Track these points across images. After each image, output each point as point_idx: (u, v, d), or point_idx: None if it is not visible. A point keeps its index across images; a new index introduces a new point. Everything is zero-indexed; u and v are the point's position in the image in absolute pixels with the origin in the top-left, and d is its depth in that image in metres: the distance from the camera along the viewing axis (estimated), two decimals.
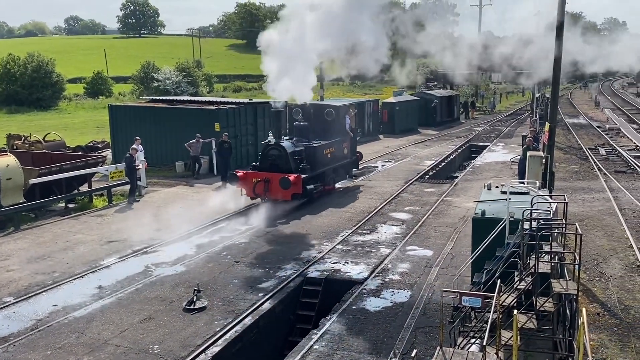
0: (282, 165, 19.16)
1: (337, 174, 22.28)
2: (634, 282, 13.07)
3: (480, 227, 10.69)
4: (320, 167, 20.25)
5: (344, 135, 22.25)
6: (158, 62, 68.41)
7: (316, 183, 20.07)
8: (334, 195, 21.71)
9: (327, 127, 21.22)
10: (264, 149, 19.65)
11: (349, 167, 23.22)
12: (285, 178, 18.37)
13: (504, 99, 74.53)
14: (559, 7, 15.68)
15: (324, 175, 20.83)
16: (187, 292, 12.19)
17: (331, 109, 21.52)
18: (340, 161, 22.05)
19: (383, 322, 10.92)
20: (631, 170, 26.42)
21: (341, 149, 21.98)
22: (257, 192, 18.85)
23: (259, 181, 18.75)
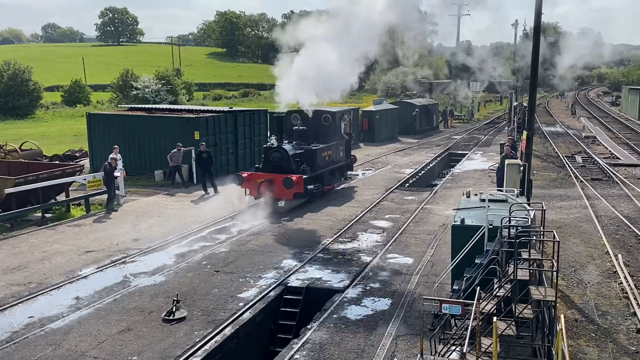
0: (284, 166, 20.38)
1: (334, 175, 23.59)
2: (611, 288, 13.26)
3: (459, 235, 10.77)
4: (319, 168, 21.55)
5: (340, 139, 23.62)
6: (137, 70, 67.89)
7: (316, 183, 21.32)
8: (330, 195, 22.89)
9: (324, 131, 22.45)
10: (267, 152, 20.92)
11: (345, 169, 24.71)
12: (288, 178, 19.63)
13: (482, 108, 75.30)
14: (535, 17, 15.93)
15: (323, 176, 22.13)
16: (167, 302, 12.07)
17: (328, 114, 22.60)
18: (337, 163, 23.48)
19: (364, 331, 10.91)
20: (607, 177, 26.86)
21: (337, 152, 23.37)
22: (261, 192, 20.02)
23: (263, 182, 19.97)
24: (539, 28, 15.95)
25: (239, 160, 28.05)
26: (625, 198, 22.30)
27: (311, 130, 22.08)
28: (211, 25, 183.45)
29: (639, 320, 11.35)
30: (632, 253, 15.74)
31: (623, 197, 22.45)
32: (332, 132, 22.74)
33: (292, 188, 19.75)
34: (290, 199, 20.19)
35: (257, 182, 20.14)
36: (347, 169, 24.92)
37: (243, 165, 28.20)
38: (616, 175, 26.93)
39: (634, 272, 14.17)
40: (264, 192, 20.01)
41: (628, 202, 21.65)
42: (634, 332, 11.03)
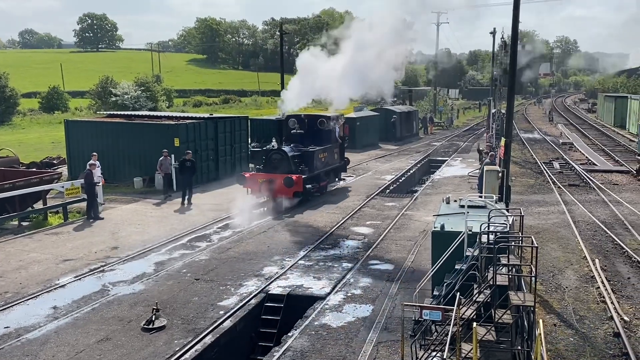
0: (284, 167, 21.79)
1: (329, 176, 25.26)
2: (589, 293, 13.44)
3: (439, 241, 10.82)
4: (316, 169, 23.04)
5: (335, 142, 25.14)
6: (116, 77, 67.37)
7: (313, 183, 22.79)
8: (327, 195, 24.36)
9: (320, 135, 24.04)
10: (268, 154, 22.37)
11: (339, 171, 26.59)
12: (289, 178, 21.04)
13: (461, 115, 76.05)
14: (512, 25, 16.16)
15: (319, 177, 23.67)
16: (146, 311, 11.94)
17: (323, 118, 24.30)
18: (332, 165, 25.14)
19: (345, 338, 10.91)
20: (584, 183, 27.26)
21: (332, 154, 25.00)
22: (262, 191, 21.44)
23: (264, 181, 21.32)
24: (516, 37, 16.17)
25: (220, 167, 27.94)
26: (602, 204, 22.64)
27: (308, 134, 23.62)
28: (191, 31, 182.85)
29: (616, 324, 11.51)
30: (608, 258, 15.97)
31: (599, 203, 22.79)
32: (327, 136, 24.29)
33: (292, 187, 21.11)
34: (289, 197, 21.44)
35: (258, 181, 21.47)
36: (341, 170, 26.68)
37: (224, 172, 28.11)
38: (593, 181, 27.35)
39: (610, 277, 14.39)
40: (265, 191, 21.40)
41: (604, 207, 21.99)
42: (612, 336, 11.18)
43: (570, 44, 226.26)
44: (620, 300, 12.87)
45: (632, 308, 12.53)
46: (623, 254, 16.25)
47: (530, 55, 63.72)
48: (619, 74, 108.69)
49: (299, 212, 21.07)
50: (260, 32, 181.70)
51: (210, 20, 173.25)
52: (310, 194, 22.76)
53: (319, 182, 23.61)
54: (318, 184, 23.54)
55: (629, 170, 30.28)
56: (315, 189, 23.31)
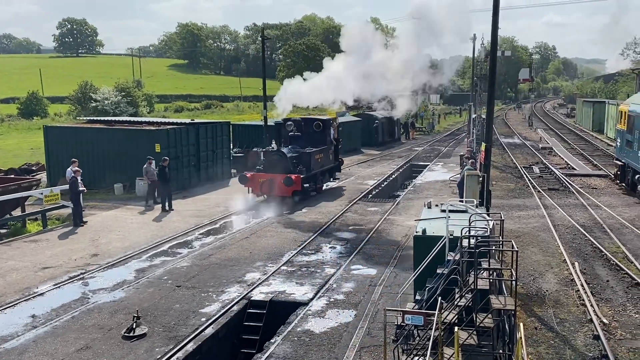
0: (282, 167, 22.88)
1: (325, 176, 26.42)
2: (568, 296, 13.58)
3: (421, 245, 10.87)
4: (313, 169, 24.18)
5: (329, 144, 26.28)
6: (96, 82, 66.76)
7: (310, 183, 23.93)
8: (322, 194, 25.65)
9: (315, 137, 25.28)
10: (267, 155, 23.42)
11: (334, 171, 27.83)
12: (288, 177, 22.27)
13: (442, 120, 76.58)
14: (492, 31, 16.33)
15: (316, 177, 24.88)
16: (127, 318, 11.81)
17: (319, 121, 25.69)
18: (327, 165, 26.33)
19: (328, 343, 10.89)
20: (563, 187, 27.59)
21: (328, 155, 26.21)
22: (262, 191, 22.63)
23: (265, 181, 22.47)
24: (495, 43, 16.35)
25: (202, 173, 27.79)
26: (581, 207, 22.93)
27: (304, 136, 24.90)
28: (172, 36, 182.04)
29: (595, 327, 11.64)
30: (587, 261, 16.17)
31: (579, 207, 23.08)
32: (322, 138, 25.57)
33: (291, 186, 22.30)
34: (289, 196, 22.64)
35: (259, 181, 22.56)
36: (335, 170, 27.99)
37: (205, 177, 27.97)
38: (572, 185, 27.70)
39: (590, 280, 14.56)
40: (265, 191, 22.62)
41: (583, 211, 22.27)
42: (591, 339, 11.30)
43: (549, 50, 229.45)
44: (599, 303, 13.02)
45: (611, 311, 12.69)
46: (602, 257, 16.46)
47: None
48: (596, 79, 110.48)
49: (284, 215, 21.04)
50: (242, 37, 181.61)
51: (192, 25, 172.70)
52: (308, 193, 24.11)
53: (315, 182, 24.91)
54: (315, 183, 24.88)
55: (607, 174, 30.71)
56: (312, 189, 24.59)
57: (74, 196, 19.84)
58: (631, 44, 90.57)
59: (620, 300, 13.26)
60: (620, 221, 20.39)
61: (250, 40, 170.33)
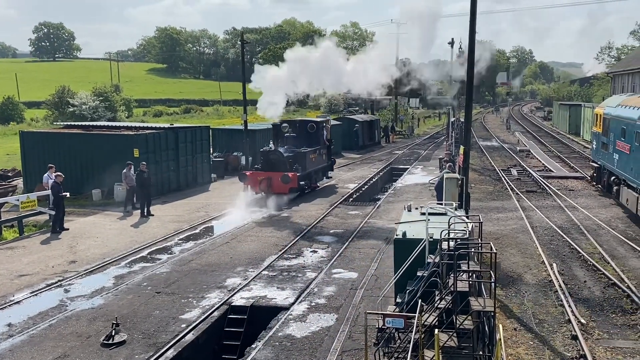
0: (280, 166, 24.22)
1: (318, 174, 28.10)
2: (547, 297, 13.74)
3: (401, 248, 10.91)
4: (308, 168, 25.71)
5: (323, 144, 27.95)
6: (74, 87, 66.00)
7: (305, 181, 25.55)
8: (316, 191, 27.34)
9: (310, 137, 26.87)
10: (265, 154, 24.80)
11: (327, 170, 29.57)
12: (286, 175, 23.50)
13: (422, 123, 77.10)
14: (469, 35, 16.49)
15: (311, 175, 26.45)
16: (105, 326, 11.66)
17: (313, 123, 27.60)
18: (321, 164, 28.00)
19: (309, 348, 10.87)
20: (541, 189, 27.94)
21: (321, 154, 27.81)
22: (261, 188, 23.79)
23: (263, 179, 23.72)
24: (473, 47, 16.51)
25: (181, 178, 27.61)
26: (558, 209, 23.23)
27: (299, 137, 26.37)
28: (151, 40, 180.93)
29: (573, 327, 11.79)
30: (565, 262, 16.38)
31: (556, 208, 23.38)
32: (316, 138, 27.21)
33: (289, 183, 23.52)
34: (286, 193, 23.94)
35: (258, 179, 23.82)
36: (328, 169, 29.70)
37: (185, 182, 27.80)
38: (549, 187, 28.06)
39: (567, 281, 14.75)
40: (263, 188, 23.75)
41: (561, 212, 22.57)
42: (569, 339, 11.45)
43: (526, 54, 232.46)
44: (577, 304, 13.19)
45: (588, 311, 12.86)
46: (579, 258, 16.69)
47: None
48: (572, 83, 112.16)
49: (269, 214, 20.99)
50: (221, 41, 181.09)
51: (171, 29, 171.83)
52: (304, 190, 25.71)
53: (310, 180, 26.55)
54: (310, 181, 26.52)
55: (584, 176, 31.17)
56: (307, 186, 26.23)
57: (56, 202, 19.60)
58: (605, 48, 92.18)
59: (598, 301, 13.45)
60: (596, 222, 20.70)
61: (230, 44, 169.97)
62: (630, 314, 12.62)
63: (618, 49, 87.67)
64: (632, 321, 12.26)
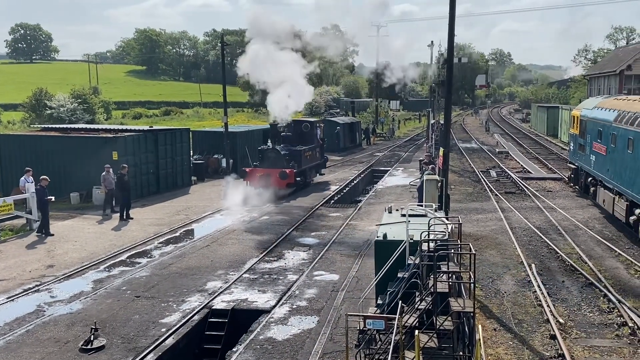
0: (277, 163, 26.02)
1: (312, 171, 29.97)
2: (526, 297, 13.89)
3: (382, 250, 10.94)
4: (303, 165, 27.53)
5: (317, 143, 29.87)
6: (51, 89, 65.06)
7: (301, 177, 27.25)
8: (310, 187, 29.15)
9: (304, 137, 28.76)
10: (264, 152, 26.73)
11: (320, 167, 31.52)
12: (283, 171, 25.40)
13: (402, 126, 77.47)
14: (448, 39, 16.63)
15: (305, 172, 28.28)
16: (84, 331, 11.52)
17: (307, 123, 29.54)
18: (315, 162, 29.86)
19: (291, 351, 10.85)
20: (519, 191, 28.23)
21: (315, 152, 29.66)
22: (260, 184, 25.29)
23: (262, 175, 25.52)
24: (452, 50, 16.65)
25: (160, 181, 27.39)
26: (537, 210, 23.51)
27: (294, 136, 28.23)
28: (130, 42, 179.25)
29: (552, 327, 11.93)
30: (544, 262, 16.57)
31: (534, 209, 23.65)
32: (310, 137, 29.06)
33: (286, 179, 25.41)
34: (283, 188, 25.65)
35: (257, 175, 25.57)
36: (321, 167, 31.63)
37: (165, 185, 27.59)
38: (528, 188, 28.37)
39: (546, 281, 14.92)
40: (262, 183, 25.20)
41: (539, 213, 22.83)
42: (548, 338, 11.58)
43: (504, 57, 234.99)
44: (555, 303, 13.35)
45: (566, 310, 13.03)
46: (557, 259, 16.90)
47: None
48: (550, 85, 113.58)
49: (253, 214, 20.92)
50: (201, 43, 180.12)
51: (150, 31, 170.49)
52: (300, 185, 27.38)
53: (305, 176, 28.25)
54: (305, 177, 28.21)
55: (562, 177, 31.58)
56: (303, 182, 27.91)
57: (41, 206, 19.38)
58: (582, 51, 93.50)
59: (576, 300, 13.64)
60: (574, 223, 20.98)
61: (210, 46, 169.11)
62: (607, 313, 12.81)
63: (594, 52, 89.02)
64: (609, 320, 12.45)
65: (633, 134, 18.39)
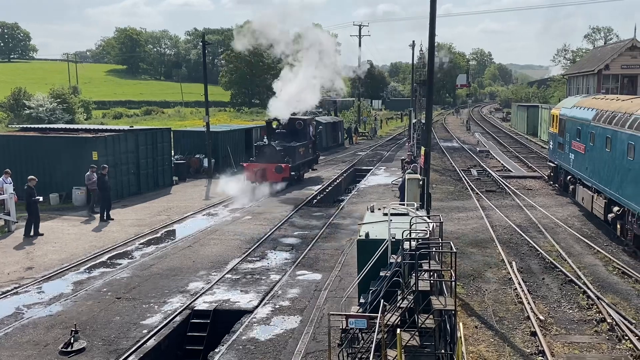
0: (273, 158, 27.21)
1: (305, 166, 31.50)
2: (507, 294, 14.02)
3: (364, 249, 10.97)
4: (297, 160, 28.89)
5: (309, 140, 31.39)
6: (30, 88, 64.19)
7: (295, 171, 28.67)
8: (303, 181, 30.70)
9: (298, 134, 30.13)
10: (260, 148, 28.07)
11: (312, 162, 33.15)
12: (279, 166, 26.86)
13: (384, 125, 77.71)
14: (429, 38, 16.71)
15: (299, 167, 29.76)
16: (64, 333, 11.38)
17: (300, 120, 30.34)
18: (307, 157, 31.40)
19: (273, 351, 10.83)
20: (500, 189, 28.49)
21: (307, 149, 31.15)
22: (257, 177, 26.79)
23: (258, 170, 26.80)
24: (432, 50, 16.73)
25: (141, 181, 27.16)
26: (517, 208, 23.74)
27: (288, 133, 29.47)
28: (110, 41, 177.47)
29: (532, 324, 12.06)
30: (524, 260, 16.74)
31: (515, 207, 23.88)
32: (303, 134, 30.46)
33: (282, 173, 26.83)
34: (279, 181, 27.25)
35: (254, 170, 26.84)
36: (314, 162, 33.26)
37: (146, 186, 27.36)
38: (508, 186, 28.64)
39: (526, 278, 15.08)
40: (259, 177, 26.73)
41: (519, 211, 23.06)
42: (529, 335, 11.70)
43: (485, 56, 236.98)
44: (535, 300, 13.50)
45: (547, 307, 13.17)
46: (538, 256, 17.08)
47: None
48: (530, 85, 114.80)
49: (234, 222, 20.84)
50: (182, 42, 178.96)
51: (131, 30, 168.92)
52: (294, 179, 28.75)
53: (299, 171, 29.71)
54: (298, 172, 29.66)
55: (542, 175, 31.93)
56: (297, 176, 29.29)
57: (29, 206, 19.19)
58: (561, 51, 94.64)
59: (555, 297, 13.79)
60: (554, 221, 21.22)
61: (192, 45, 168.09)
62: (587, 310, 12.98)
63: (573, 51, 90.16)
64: (588, 316, 12.62)
65: (611, 132, 18.66)
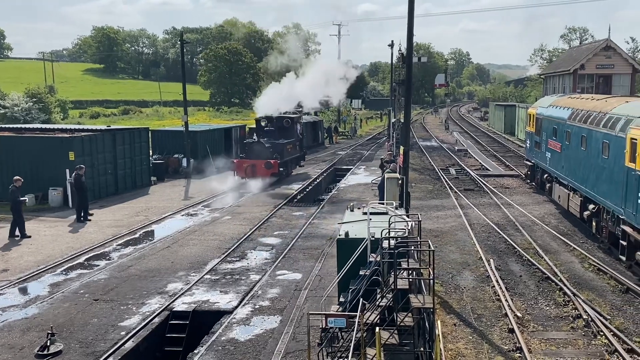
0: (262, 155, 28.38)
1: (292, 163, 32.70)
2: (485, 292, 14.16)
3: (344, 248, 10.99)
4: (285, 157, 30.00)
5: (297, 137, 32.55)
6: (5, 88, 63.21)
7: (283, 168, 29.54)
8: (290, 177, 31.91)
9: (286, 131, 31.17)
10: (249, 145, 29.27)
11: (300, 159, 34.40)
12: (269, 162, 27.97)
13: (364, 124, 77.92)
14: (407, 38, 16.79)
15: (287, 163, 30.81)
16: (40, 336, 11.22)
17: (288, 119, 31.43)
18: (295, 154, 32.65)
19: (253, 351, 10.80)
20: (478, 188, 28.76)
21: (295, 146, 32.40)
22: (247, 173, 27.97)
23: (248, 166, 27.97)
24: (411, 50, 16.82)
25: (119, 181, 26.87)
26: (495, 206, 23.98)
27: (276, 130, 30.49)
28: (87, 40, 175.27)
29: (510, 320, 12.20)
30: (502, 258, 16.93)
31: (492, 206, 24.13)
32: (291, 132, 31.60)
33: (271, 169, 27.86)
34: (268, 177, 28.31)
35: (244, 166, 27.97)
36: (301, 159, 34.50)
37: (124, 186, 27.08)
38: (486, 185, 28.92)
39: (504, 276, 15.25)
40: (248, 173, 27.89)
41: (497, 210, 23.30)
42: (507, 332, 11.84)
43: (463, 56, 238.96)
44: (513, 298, 13.66)
45: (524, 304, 13.34)
46: (515, 254, 17.28)
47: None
48: (507, 84, 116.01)
49: (213, 222, 20.72)
50: (161, 41, 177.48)
51: (108, 29, 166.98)
52: (283, 175, 29.80)
53: (287, 167, 30.63)
54: (286, 168, 30.59)
55: (519, 174, 32.30)
56: (285, 172, 30.29)
57: (14, 207, 18.94)
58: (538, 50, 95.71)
59: (533, 294, 13.97)
60: (531, 219, 21.49)
61: (170, 44, 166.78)
62: (563, 306, 13.17)
63: (550, 51, 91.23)
64: (564, 313, 12.80)
65: (586, 131, 18.94)
